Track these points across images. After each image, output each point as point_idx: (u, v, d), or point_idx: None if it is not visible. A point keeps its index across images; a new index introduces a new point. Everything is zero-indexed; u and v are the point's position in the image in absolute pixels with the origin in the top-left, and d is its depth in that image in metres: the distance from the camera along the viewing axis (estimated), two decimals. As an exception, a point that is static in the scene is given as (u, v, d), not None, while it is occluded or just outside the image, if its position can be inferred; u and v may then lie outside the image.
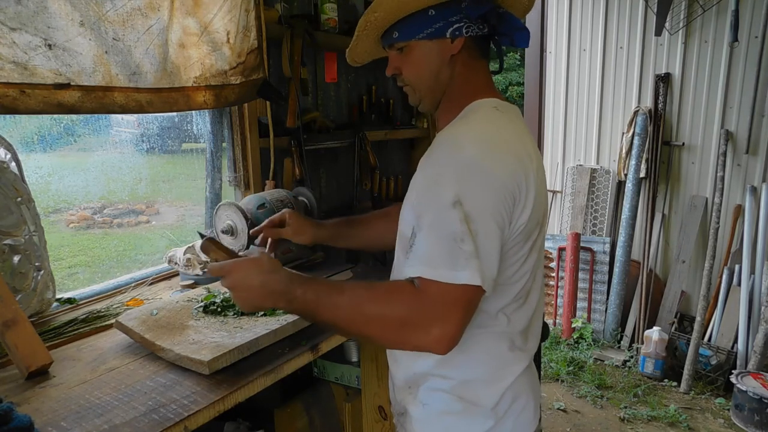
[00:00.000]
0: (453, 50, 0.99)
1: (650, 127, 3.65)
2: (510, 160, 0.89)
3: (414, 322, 0.84)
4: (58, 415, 0.95)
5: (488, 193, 0.85)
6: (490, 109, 0.98)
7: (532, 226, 0.92)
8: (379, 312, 0.88)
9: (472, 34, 0.99)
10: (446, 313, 0.83)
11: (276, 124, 1.99)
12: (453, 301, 0.83)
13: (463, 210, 0.83)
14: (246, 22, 1.69)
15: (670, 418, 2.91)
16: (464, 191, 0.84)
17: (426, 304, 0.84)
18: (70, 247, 1.84)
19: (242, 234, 1.70)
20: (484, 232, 0.84)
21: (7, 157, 1.34)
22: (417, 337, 0.85)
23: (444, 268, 0.82)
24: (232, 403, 1.03)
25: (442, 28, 0.98)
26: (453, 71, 1.01)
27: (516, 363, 0.99)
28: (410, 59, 1.02)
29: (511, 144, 0.92)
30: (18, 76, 1.16)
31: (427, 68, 1.01)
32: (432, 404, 0.99)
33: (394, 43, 1.03)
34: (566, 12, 3.97)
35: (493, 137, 0.91)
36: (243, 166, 1.97)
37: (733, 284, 3.31)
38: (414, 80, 1.04)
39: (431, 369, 0.98)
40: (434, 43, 0.99)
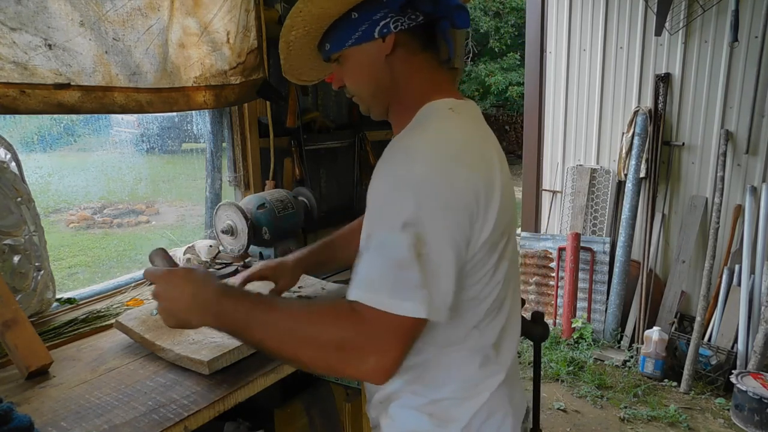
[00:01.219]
0: (386, 50, 0.91)
1: (650, 127, 3.65)
2: (467, 172, 0.81)
3: (349, 350, 0.77)
4: (58, 415, 0.95)
5: (442, 213, 0.78)
6: (444, 112, 0.90)
7: (497, 236, 0.86)
8: (312, 335, 0.80)
9: (404, 27, 0.90)
10: (385, 343, 0.76)
11: (276, 124, 2.00)
12: (393, 331, 0.76)
13: (414, 233, 0.75)
14: (246, 22, 1.69)
15: (670, 418, 2.91)
16: (416, 212, 0.76)
17: (363, 332, 0.77)
18: (70, 247, 1.84)
19: (242, 234, 1.70)
20: (437, 257, 0.77)
21: (7, 157, 1.34)
22: (351, 366, 0.78)
23: (386, 295, 0.75)
24: (232, 403, 1.03)
25: (368, 30, 0.90)
26: (393, 72, 0.93)
27: (490, 378, 0.93)
28: (348, 69, 0.96)
29: (469, 152, 0.84)
30: (18, 76, 1.16)
31: (366, 74, 0.95)
32: (401, 421, 0.94)
33: (330, 56, 0.97)
34: (566, 12, 3.97)
35: (448, 148, 0.82)
36: (243, 166, 1.97)
37: (733, 284, 3.31)
38: (356, 89, 0.98)
39: (402, 386, 0.92)
40: (366, 47, 0.92)
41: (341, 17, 0.92)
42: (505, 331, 0.94)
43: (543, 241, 4.11)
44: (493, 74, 12.76)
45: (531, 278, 4.15)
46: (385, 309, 0.75)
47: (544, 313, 1.59)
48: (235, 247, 1.73)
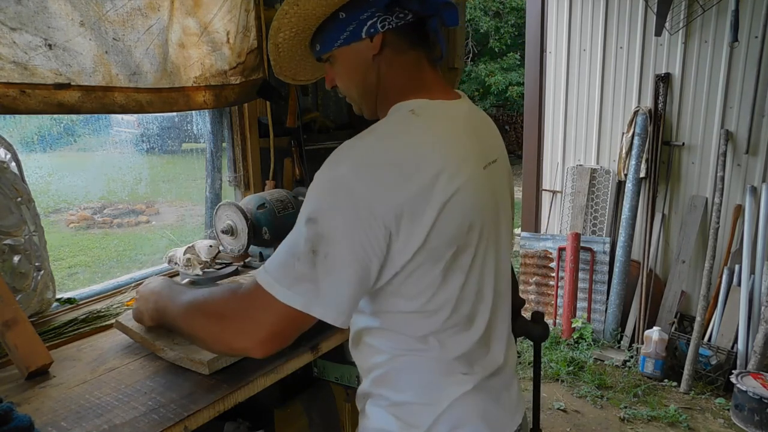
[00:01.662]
0: (374, 50, 0.91)
1: (650, 127, 3.65)
2: (393, 182, 0.77)
3: (230, 319, 0.83)
4: (58, 415, 0.95)
5: (349, 215, 0.76)
6: (403, 115, 0.87)
7: (441, 248, 0.81)
8: (205, 308, 0.89)
9: (391, 27, 0.89)
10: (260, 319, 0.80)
11: (276, 124, 2.00)
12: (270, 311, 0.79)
13: (315, 229, 0.76)
14: (246, 22, 1.69)
15: (670, 418, 2.91)
16: (322, 209, 0.77)
17: (245, 305, 0.82)
18: (70, 247, 1.84)
19: (242, 234, 1.70)
20: (334, 259, 0.76)
21: (7, 157, 1.34)
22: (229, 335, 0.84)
23: (274, 279, 0.78)
24: (232, 403, 1.03)
25: (356, 30, 0.90)
26: (379, 72, 0.93)
27: (453, 387, 0.90)
28: (338, 69, 0.97)
29: (405, 161, 0.79)
30: (18, 76, 1.16)
31: (354, 74, 0.95)
32: (374, 419, 0.95)
33: (321, 56, 0.98)
34: (566, 12, 3.97)
35: (377, 155, 0.80)
36: (243, 166, 1.97)
37: (733, 284, 3.31)
38: (346, 89, 0.99)
39: (371, 385, 0.94)
40: (354, 47, 0.92)
41: (329, 18, 0.92)
42: (479, 346, 0.91)
43: (543, 241, 4.11)
44: (493, 74, 12.75)
45: (531, 278, 4.15)
46: (270, 291, 0.78)
47: (544, 313, 1.59)
48: (235, 247, 1.74)
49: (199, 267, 1.65)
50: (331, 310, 0.78)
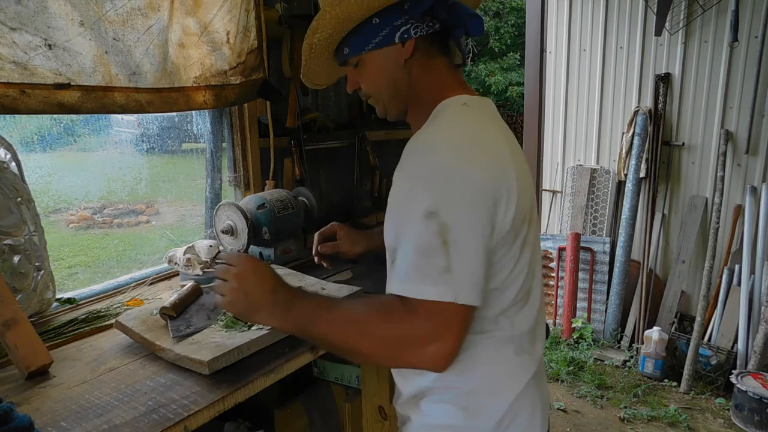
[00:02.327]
0: (405, 54, 0.96)
1: (650, 127, 3.65)
2: (486, 159, 0.84)
3: (407, 341, 0.82)
4: (58, 415, 0.95)
5: (466, 199, 0.81)
6: (459, 107, 0.94)
7: (519, 223, 0.88)
8: (372, 330, 0.85)
9: (422, 34, 0.95)
10: (436, 330, 0.80)
11: (276, 124, 2.00)
12: (435, 317, 0.80)
13: (438, 221, 0.79)
14: (246, 22, 1.69)
15: (670, 418, 2.91)
16: (439, 200, 0.80)
17: (415, 323, 0.81)
18: (70, 247, 1.84)
19: (242, 234, 1.70)
20: (463, 242, 0.80)
21: (7, 157, 1.34)
22: (411, 357, 0.82)
23: (415, 283, 0.80)
24: (232, 403, 1.03)
25: (389, 35, 0.95)
26: (411, 75, 0.98)
27: (523, 369, 0.95)
28: (366, 72, 1.00)
29: (485, 141, 0.88)
30: (18, 76, 1.16)
31: (384, 78, 0.99)
32: (434, 415, 0.96)
33: (347, 60, 1.01)
34: (566, 12, 3.97)
35: (465, 137, 0.87)
36: (243, 166, 1.97)
37: (733, 284, 3.31)
38: (374, 92, 1.02)
39: (435, 381, 0.94)
40: (385, 51, 0.96)
41: (362, 22, 0.96)
42: (537, 321, 0.97)
43: (543, 241, 4.11)
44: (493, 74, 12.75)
45: (531, 278, 4.15)
46: (418, 297, 0.80)
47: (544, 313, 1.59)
48: (235, 247, 1.73)
49: (199, 267, 1.65)
50: (475, 292, 0.82)
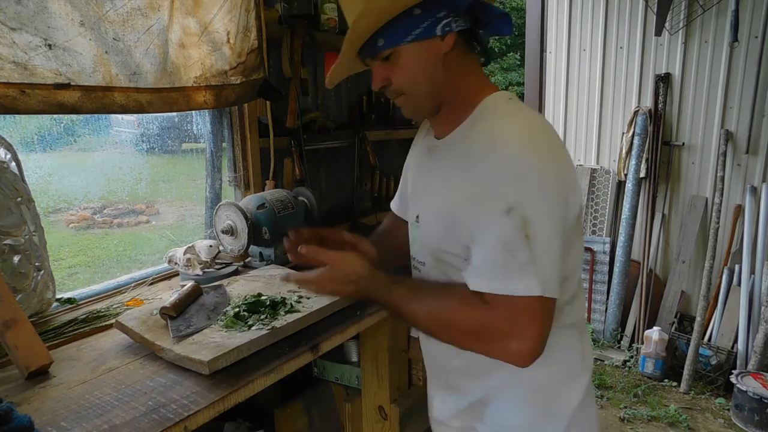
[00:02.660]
0: (445, 48, 0.92)
1: (650, 127, 3.64)
2: (557, 153, 0.86)
3: (489, 337, 0.83)
4: (58, 415, 0.95)
5: (544, 193, 0.81)
6: (508, 102, 0.94)
7: (580, 213, 0.91)
8: (455, 324, 0.87)
9: (461, 28, 0.92)
10: (518, 326, 0.80)
11: (276, 124, 2.00)
12: (520, 313, 0.80)
13: (519, 216, 0.79)
14: (246, 22, 1.69)
15: (670, 418, 2.91)
16: (519, 195, 0.80)
17: (495, 319, 0.82)
18: (70, 247, 1.84)
19: (242, 234, 1.70)
20: (545, 236, 0.81)
21: (7, 157, 1.34)
22: (495, 351, 0.84)
23: (500, 279, 0.80)
24: (232, 403, 1.03)
25: (430, 27, 0.90)
26: (449, 71, 0.94)
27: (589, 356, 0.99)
28: (400, 66, 0.93)
29: (552, 136, 0.89)
30: (18, 76, 1.16)
31: (422, 72, 0.93)
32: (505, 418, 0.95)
33: (379, 53, 0.94)
34: (566, 12, 3.97)
35: (535, 132, 0.87)
36: (243, 166, 1.97)
37: (733, 284, 3.31)
38: (409, 88, 0.96)
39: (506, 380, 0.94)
40: (424, 44, 0.91)
41: (402, 12, 0.90)
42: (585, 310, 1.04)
43: (543, 241, 4.11)
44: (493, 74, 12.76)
45: (531, 278, 4.15)
46: (502, 292, 0.80)
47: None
48: (235, 247, 1.73)
49: (199, 267, 1.65)
50: (556, 284, 0.82)
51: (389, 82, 0.96)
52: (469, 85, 0.97)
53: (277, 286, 1.49)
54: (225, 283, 1.50)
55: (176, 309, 1.26)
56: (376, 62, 0.96)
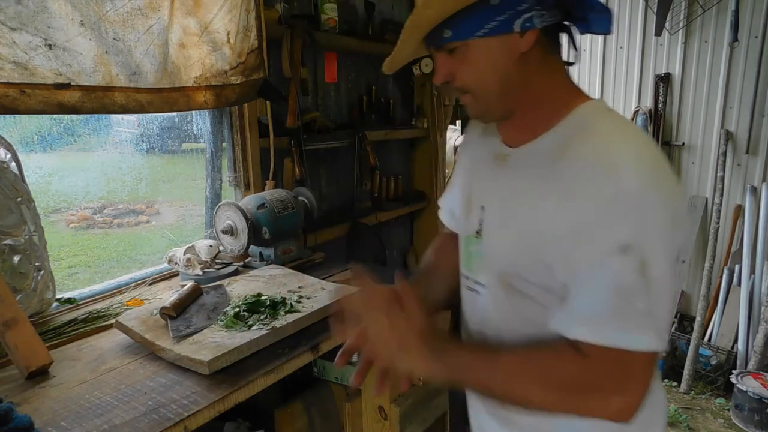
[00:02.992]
0: (523, 47, 0.79)
1: (650, 127, 3.64)
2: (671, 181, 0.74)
3: (587, 393, 0.73)
4: (58, 415, 0.95)
5: (661, 229, 0.71)
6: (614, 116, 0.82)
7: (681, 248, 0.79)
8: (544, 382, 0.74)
9: (547, 24, 0.78)
10: (624, 382, 0.70)
11: (276, 124, 2.00)
12: (630, 367, 0.70)
13: (638, 257, 0.68)
14: (246, 22, 1.69)
15: (670, 418, 2.91)
16: (637, 232, 0.69)
17: (598, 374, 0.71)
18: (70, 247, 1.84)
19: (242, 234, 1.70)
20: (662, 279, 0.70)
21: (7, 157, 1.34)
22: (592, 408, 0.73)
23: (613, 330, 0.69)
24: (232, 403, 1.03)
25: (508, 21, 0.77)
26: (527, 72, 0.81)
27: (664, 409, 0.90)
28: (467, 62, 0.81)
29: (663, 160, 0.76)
30: (18, 76, 1.16)
31: (492, 71, 0.81)
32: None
33: (445, 44, 0.82)
34: (566, 12, 3.97)
35: (649, 156, 0.74)
36: (243, 166, 1.97)
37: (733, 284, 3.31)
38: (475, 86, 0.83)
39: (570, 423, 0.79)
40: (498, 40, 0.78)
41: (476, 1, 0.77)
42: None
43: (543, 241, 4.11)
44: (493, 74, 12.76)
45: (531, 278, 4.14)
46: (615, 345, 0.69)
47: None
48: (235, 247, 1.73)
49: (199, 267, 1.65)
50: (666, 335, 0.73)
51: (453, 77, 0.84)
52: (553, 90, 0.84)
53: (277, 286, 1.49)
54: (225, 283, 1.50)
55: (176, 309, 1.26)
56: (441, 53, 0.84)
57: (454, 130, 5.94)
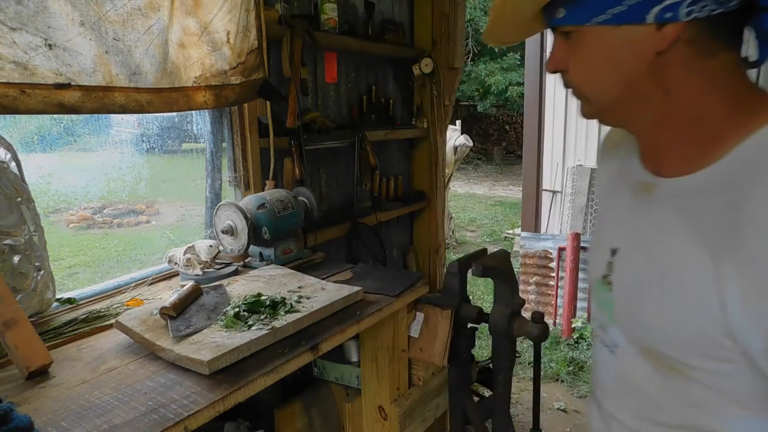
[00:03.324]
0: (660, 45, 0.60)
1: (650, 127, 3.65)
2: None
3: None
4: (58, 415, 0.95)
5: None
6: None
7: None
8: None
9: (701, 15, 0.58)
10: None
11: (276, 124, 2.00)
12: None
13: None
14: (246, 22, 1.69)
15: (670, 418, 2.91)
16: None
17: None
18: (70, 247, 1.84)
19: (242, 234, 1.70)
20: None
21: (7, 157, 1.34)
22: None
23: None
24: (232, 403, 1.03)
25: (639, 8, 0.59)
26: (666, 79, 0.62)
27: None
28: (581, 53, 0.66)
29: None
30: (18, 76, 1.16)
31: (611, 72, 0.65)
32: None
33: (558, 25, 0.67)
34: (566, 12, 3.97)
35: None
36: (243, 166, 1.97)
37: (733, 284, 3.31)
38: (588, 88, 0.69)
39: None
40: (626, 31, 0.61)
41: None
42: None
43: (543, 241, 4.11)
44: (493, 74, 12.77)
45: (531, 278, 4.15)
46: None
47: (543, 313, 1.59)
48: (235, 247, 1.74)
49: (199, 267, 1.65)
50: None
51: (565, 68, 0.70)
52: (717, 104, 0.62)
53: (277, 286, 1.49)
54: (225, 283, 1.50)
55: (176, 309, 1.26)
56: (557, 35, 0.69)
57: (454, 130, 5.95)
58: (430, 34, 2.76)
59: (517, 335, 1.57)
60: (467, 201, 10.18)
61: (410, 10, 2.81)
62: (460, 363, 1.68)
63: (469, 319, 1.66)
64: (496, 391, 1.65)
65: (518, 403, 3.16)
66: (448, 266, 1.68)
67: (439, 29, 2.73)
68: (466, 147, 5.69)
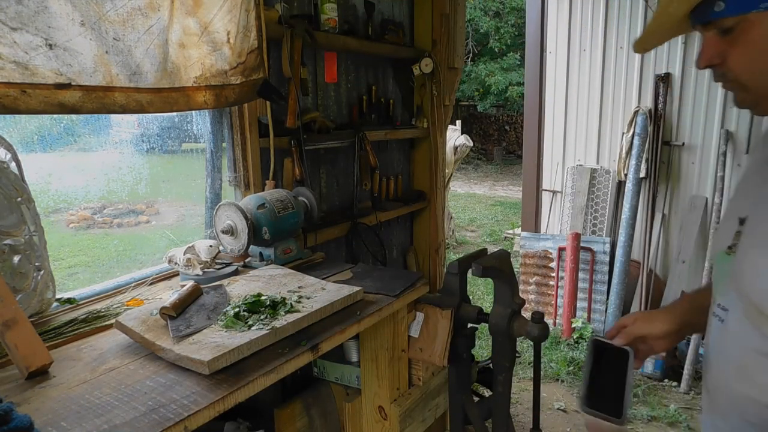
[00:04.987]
0: None
1: (650, 127, 3.65)
2: None
3: None
4: (58, 415, 0.95)
5: None
6: None
7: None
8: None
9: None
10: None
11: (276, 124, 2.00)
12: None
13: None
14: (246, 22, 1.69)
15: (670, 418, 2.91)
16: None
17: None
18: (70, 247, 1.84)
19: (242, 234, 1.70)
20: None
21: (7, 157, 1.34)
22: None
23: None
24: (232, 403, 1.03)
25: None
26: None
27: None
28: (746, 42, 0.66)
29: None
30: (19, 76, 1.16)
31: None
32: None
33: (715, 20, 0.67)
34: (566, 12, 3.97)
35: None
36: (243, 166, 1.97)
37: (733, 284, 3.31)
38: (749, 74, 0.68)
39: None
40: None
41: None
42: None
43: (543, 241, 4.11)
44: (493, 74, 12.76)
45: (531, 278, 4.15)
46: None
47: (543, 313, 1.59)
48: (235, 247, 1.74)
49: (199, 267, 1.65)
50: None
51: (722, 60, 0.69)
52: None
53: (277, 286, 1.49)
54: (225, 283, 1.50)
55: (176, 309, 1.26)
56: (709, 32, 0.69)
57: (454, 130, 5.95)
58: (430, 34, 2.76)
59: (517, 335, 1.57)
60: (467, 201, 10.18)
61: (410, 10, 2.81)
62: (460, 363, 1.68)
63: (469, 319, 1.66)
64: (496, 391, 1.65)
65: (518, 403, 3.16)
66: (448, 266, 1.68)
67: (439, 29, 2.73)
68: (466, 147, 5.69)
